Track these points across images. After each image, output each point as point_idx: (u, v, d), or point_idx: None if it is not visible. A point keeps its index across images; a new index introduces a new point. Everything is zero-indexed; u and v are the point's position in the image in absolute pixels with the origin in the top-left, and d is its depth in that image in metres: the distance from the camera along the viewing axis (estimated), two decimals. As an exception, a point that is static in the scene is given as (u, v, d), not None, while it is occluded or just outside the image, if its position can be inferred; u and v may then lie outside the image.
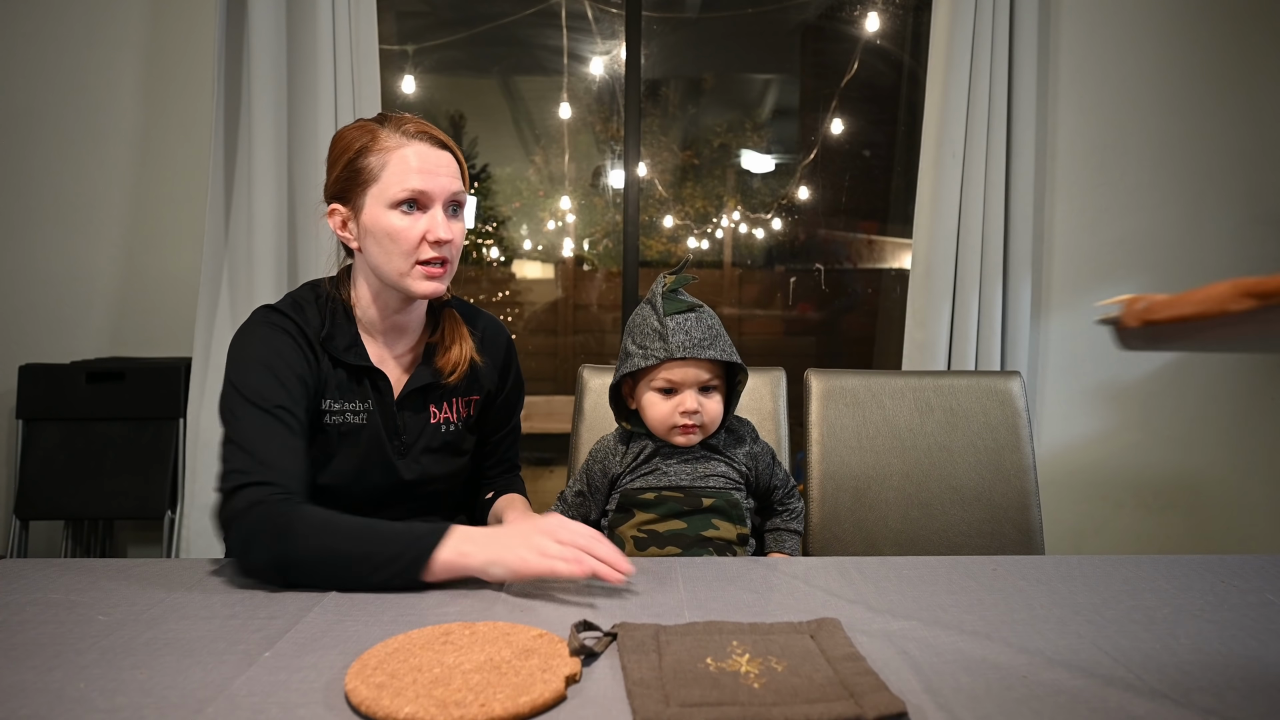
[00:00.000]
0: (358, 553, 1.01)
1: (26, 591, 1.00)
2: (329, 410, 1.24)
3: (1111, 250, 2.72)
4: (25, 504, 2.37)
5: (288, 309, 1.25)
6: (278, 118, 2.39)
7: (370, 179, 1.21)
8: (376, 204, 1.21)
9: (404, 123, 1.24)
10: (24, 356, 2.48)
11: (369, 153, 1.21)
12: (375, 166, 1.21)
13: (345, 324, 1.27)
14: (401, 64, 3.13)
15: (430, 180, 1.21)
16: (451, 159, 1.25)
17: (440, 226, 1.22)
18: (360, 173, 1.22)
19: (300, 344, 1.22)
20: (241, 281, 2.40)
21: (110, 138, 2.56)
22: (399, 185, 1.20)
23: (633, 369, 1.30)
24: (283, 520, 1.03)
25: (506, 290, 3.58)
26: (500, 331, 1.44)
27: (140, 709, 0.72)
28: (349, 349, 1.26)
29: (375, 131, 1.23)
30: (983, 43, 2.50)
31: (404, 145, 1.21)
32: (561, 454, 1.75)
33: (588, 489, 1.39)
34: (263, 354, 1.18)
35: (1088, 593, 1.05)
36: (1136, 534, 2.77)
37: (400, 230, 1.20)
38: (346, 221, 1.25)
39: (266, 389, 1.15)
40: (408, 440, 1.30)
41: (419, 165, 1.21)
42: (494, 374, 1.41)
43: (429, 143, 1.23)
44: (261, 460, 1.08)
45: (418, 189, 1.20)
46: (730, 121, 3.48)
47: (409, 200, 1.21)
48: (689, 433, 1.31)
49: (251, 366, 1.17)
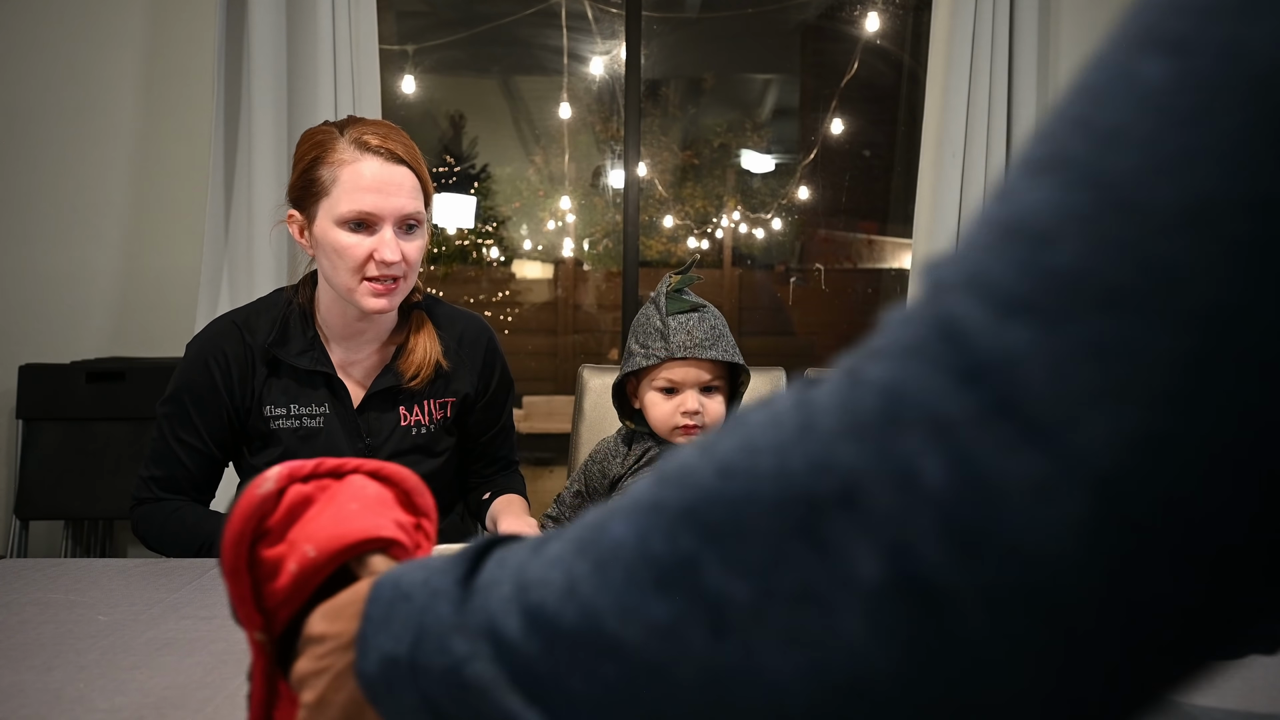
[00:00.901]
0: (195, 541, 1.21)
1: (26, 591, 1.00)
2: (273, 415, 1.27)
3: (1111, 250, 2.72)
4: (25, 504, 2.37)
5: (240, 322, 1.29)
6: (278, 118, 2.39)
7: (322, 192, 1.18)
8: (326, 218, 1.18)
9: (364, 133, 1.19)
10: (24, 356, 2.48)
11: (321, 164, 1.18)
12: (327, 180, 1.17)
13: (301, 328, 1.27)
14: (401, 64, 3.14)
15: (380, 201, 1.17)
16: (409, 175, 1.20)
17: (388, 248, 1.17)
18: (313, 184, 1.19)
19: (224, 370, 1.26)
20: (241, 281, 2.40)
21: (110, 138, 2.56)
22: (347, 204, 1.16)
23: (634, 368, 1.30)
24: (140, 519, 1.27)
25: (506, 290, 3.58)
26: (481, 332, 1.42)
27: (140, 709, 0.72)
28: (303, 353, 1.26)
29: (332, 141, 1.18)
30: (983, 43, 2.50)
31: (357, 160, 1.17)
32: (561, 454, 1.75)
33: (586, 489, 1.39)
34: (182, 383, 1.28)
35: (1088, 593, 1.05)
36: (1136, 534, 2.77)
37: (347, 248, 1.17)
38: (303, 229, 1.24)
39: (177, 417, 1.27)
40: (374, 443, 1.30)
41: (370, 183, 1.16)
42: (472, 376, 1.39)
43: (385, 158, 1.18)
44: (168, 475, 1.27)
45: (365, 210, 1.16)
46: (730, 121, 3.48)
47: (356, 220, 1.17)
48: (691, 433, 1.31)
49: (172, 391, 1.29)
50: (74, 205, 2.57)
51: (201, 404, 1.26)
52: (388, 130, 1.22)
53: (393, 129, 1.23)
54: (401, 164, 1.19)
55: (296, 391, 1.27)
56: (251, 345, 1.26)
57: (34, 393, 2.39)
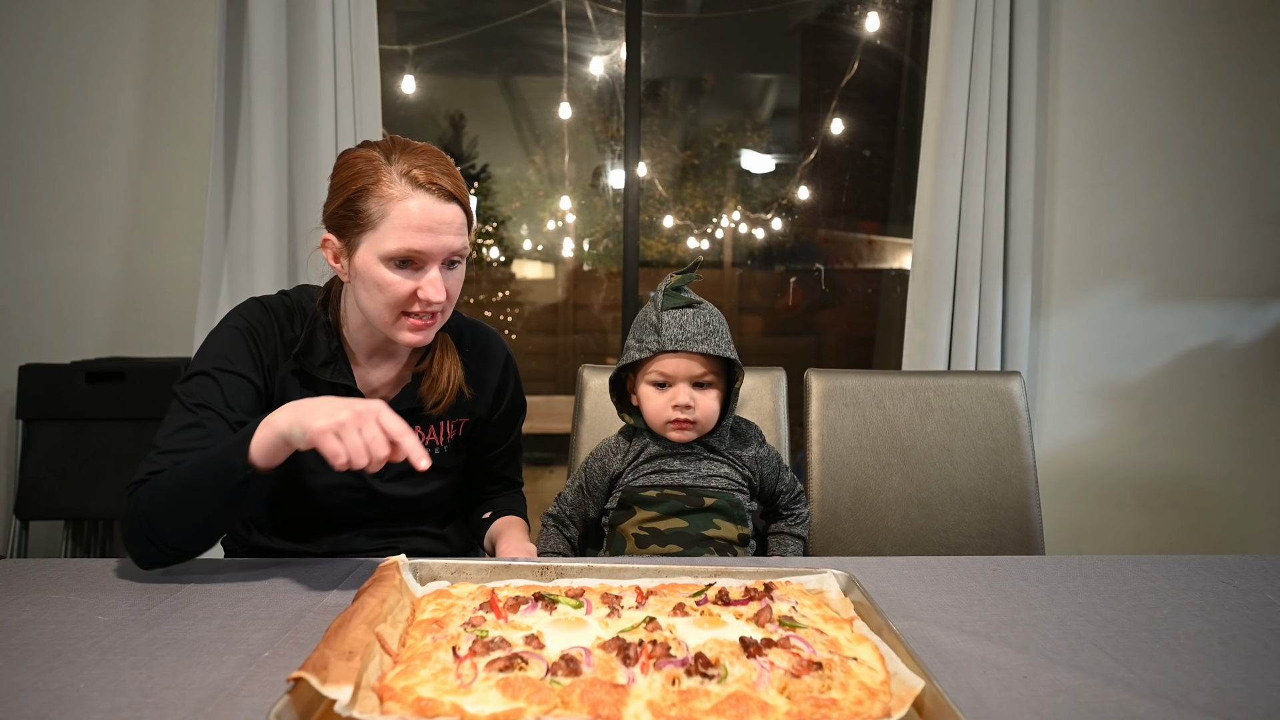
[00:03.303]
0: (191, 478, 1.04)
1: (26, 591, 1.00)
2: None
3: (1111, 250, 2.72)
4: (25, 504, 2.37)
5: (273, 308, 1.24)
6: (278, 118, 2.39)
7: (368, 224, 1.13)
8: (369, 252, 1.14)
9: (414, 163, 1.14)
10: (24, 356, 2.48)
11: (370, 195, 1.13)
12: (375, 214, 1.13)
13: (326, 341, 1.24)
14: (401, 64, 3.13)
15: (430, 240, 1.13)
16: (458, 212, 1.16)
17: (433, 288, 1.15)
18: (358, 215, 1.14)
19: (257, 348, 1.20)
20: (241, 281, 2.40)
21: (110, 138, 2.56)
22: (396, 242, 1.12)
23: (628, 360, 1.31)
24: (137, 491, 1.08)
25: (506, 290, 3.58)
26: (500, 350, 1.40)
27: (140, 709, 0.72)
28: (326, 365, 1.23)
29: (380, 171, 1.13)
30: (983, 43, 2.50)
31: (408, 196, 1.12)
32: (561, 454, 1.75)
33: (586, 486, 1.40)
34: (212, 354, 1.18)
35: (1088, 593, 1.05)
36: (1136, 534, 2.77)
37: (391, 285, 1.14)
38: (339, 255, 1.19)
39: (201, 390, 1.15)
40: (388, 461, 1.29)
41: (420, 222, 1.12)
42: (488, 397, 1.38)
43: (436, 195, 1.13)
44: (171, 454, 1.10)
45: (415, 249, 1.13)
46: (730, 121, 3.48)
47: (403, 258, 1.14)
48: (682, 427, 1.31)
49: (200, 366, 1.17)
50: (74, 206, 2.57)
51: (235, 376, 1.17)
52: (435, 161, 1.16)
53: (439, 158, 1.17)
54: (451, 201, 1.15)
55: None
56: (281, 338, 1.23)
57: (34, 393, 2.39)
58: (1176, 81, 2.69)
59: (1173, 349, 2.74)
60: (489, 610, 0.86)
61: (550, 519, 1.43)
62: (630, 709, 0.68)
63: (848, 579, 0.96)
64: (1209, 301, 2.73)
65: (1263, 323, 2.73)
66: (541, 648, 0.78)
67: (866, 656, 0.78)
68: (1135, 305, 2.73)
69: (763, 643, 0.78)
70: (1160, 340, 2.74)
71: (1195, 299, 2.73)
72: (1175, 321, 2.73)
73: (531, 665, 0.73)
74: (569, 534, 1.42)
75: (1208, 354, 2.74)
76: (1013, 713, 0.74)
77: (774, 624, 0.84)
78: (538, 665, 0.73)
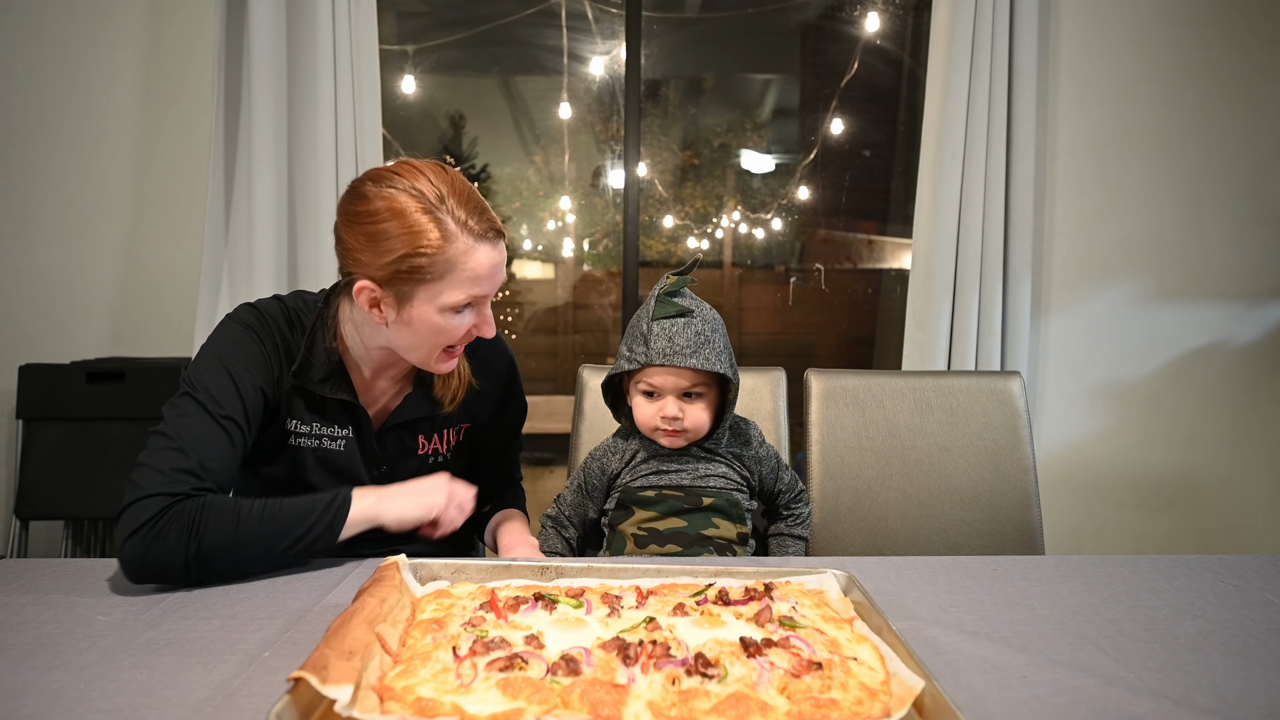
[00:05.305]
0: (272, 533, 1.06)
1: (26, 591, 1.00)
2: (296, 431, 1.22)
3: (1111, 250, 2.72)
4: (25, 504, 2.37)
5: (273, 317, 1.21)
6: (278, 118, 2.39)
7: (428, 279, 1.11)
8: (429, 303, 1.12)
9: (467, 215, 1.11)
10: (24, 356, 2.48)
11: (432, 253, 1.09)
12: (439, 269, 1.10)
13: (324, 353, 1.21)
14: (401, 64, 3.13)
15: (492, 285, 1.15)
16: (504, 245, 1.17)
17: (488, 325, 1.19)
18: (418, 270, 1.10)
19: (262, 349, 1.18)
20: (241, 281, 2.40)
21: (110, 138, 2.56)
22: (463, 293, 1.12)
23: (617, 371, 1.31)
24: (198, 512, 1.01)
25: (506, 290, 3.58)
26: (503, 355, 1.41)
27: (140, 709, 0.72)
28: (325, 380, 1.21)
29: (440, 225, 1.09)
30: (983, 43, 2.50)
31: (472, 249, 1.11)
32: (561, 454, 1.75)
33: (585, 486, 1.40)
34: (230, 357, 1.15)
35: (1088, 593, 1.05)
36: (1136, 534, 2.77)
37: (448, 329, 1.15)
38: (380, 303, 1.14)
39: (223, 395, 1.11)
40: (388, 471, 1.28)
41: (487, 273, 1.13)
42: (490, 402, 1.38)
43: (492, 240, 1.14)
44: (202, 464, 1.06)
45: (479, 295, 1.15)
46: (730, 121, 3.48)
47: (466, 304, 1.15)
48: (671, 436, 1.31)
49: (216, 367, 1.13)
50: (74, 206, 2.57)
51: (245, 375, 1.14)
52: (476, 201, 1.14)
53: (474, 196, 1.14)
54: (500, 239, 1.16)
55: (320, 409, 1.23)
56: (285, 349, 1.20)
57: (34, 393, 2.39)
58: (1176, 81, 2.69)
59: (1173, 349, 2.74)
60: (489, 610, 0.86)
61: (549, 520, 1.43)
62: (630, 709, 0.68)
63: (848, 579, 0.96)
64: (1209, 301, 2.73)
65: (1263, 323, 2.73)
66: (541, 648, 0.78)
67: (866, 656, 0.78)
68: (1135, 305, 2.73)
69: (763, 643, 0.78)
70: (1160, 340, 2.74)
71: (1195, 299, 2.73)
72: (1175, 321, 2.73)
73: (531, 665, 0.73)
74: (567, 535, 1.41)
75: (1208, 354, 2.74)
76: (1013, 713, 0.74)
77: (774, 624, 0.84)
78: (538, 665, 0.73)
